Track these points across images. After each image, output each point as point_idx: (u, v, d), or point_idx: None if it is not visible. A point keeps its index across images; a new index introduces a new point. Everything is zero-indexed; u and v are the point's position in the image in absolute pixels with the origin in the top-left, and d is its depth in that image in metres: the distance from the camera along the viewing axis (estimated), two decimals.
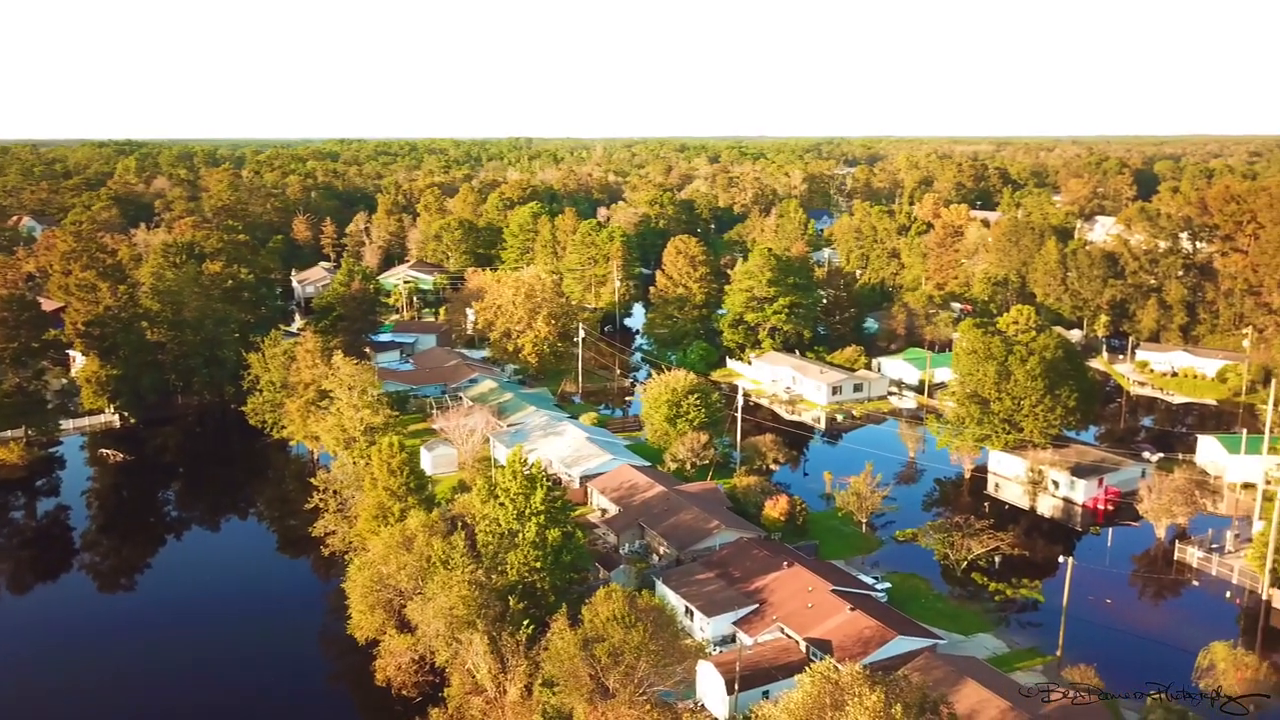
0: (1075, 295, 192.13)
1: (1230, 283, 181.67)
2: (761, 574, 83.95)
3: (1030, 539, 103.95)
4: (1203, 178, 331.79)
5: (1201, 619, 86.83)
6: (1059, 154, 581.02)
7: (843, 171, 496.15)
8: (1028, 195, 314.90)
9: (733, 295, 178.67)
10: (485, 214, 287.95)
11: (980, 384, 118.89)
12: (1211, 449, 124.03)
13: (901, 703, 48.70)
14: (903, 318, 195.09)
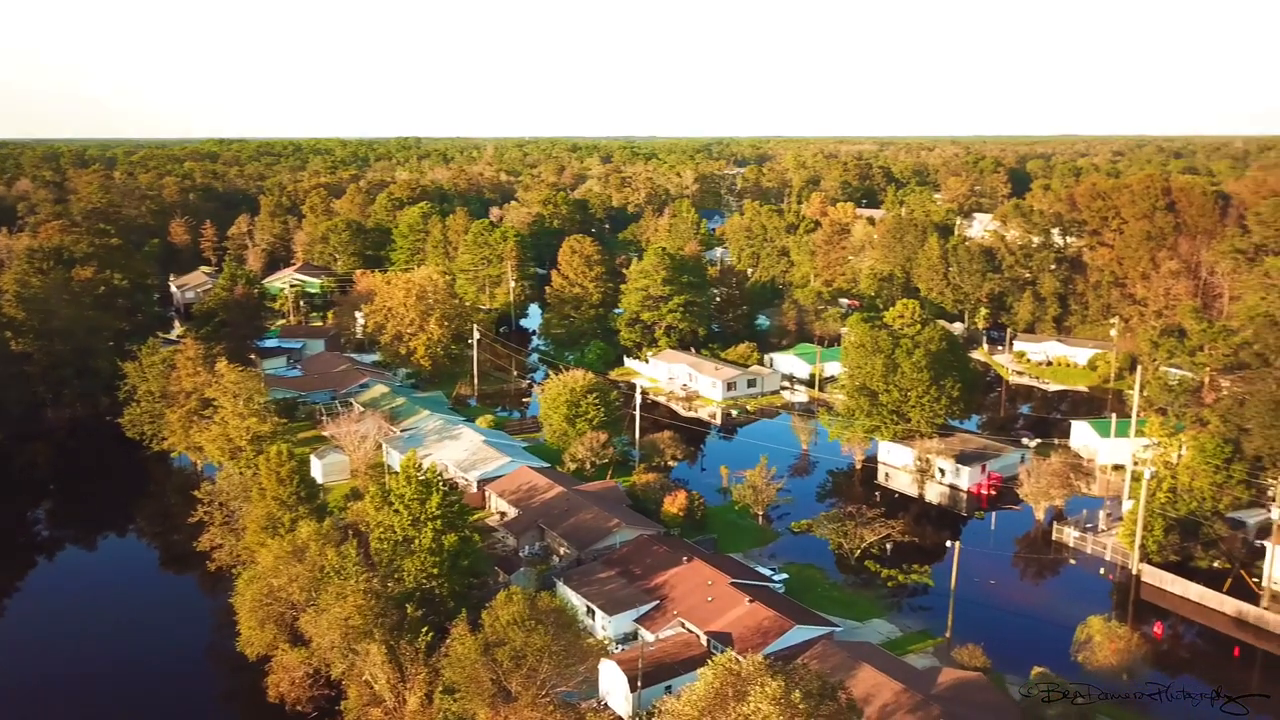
0: (956, 289, 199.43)
1: (1098, 275, 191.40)
2: (662, 570, 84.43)
3: (919, 525, 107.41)
4: (1071, 176, 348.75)
5: (1079, 595, 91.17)
6: (939, 154, 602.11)
7: (733, 171, 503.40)
8: (910, 193, 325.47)
9: (629, 294, 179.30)
10: (374, 215, 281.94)
11: (869, 377, 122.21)
12: (1084, 433, 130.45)
13: (801, 690, 49.64)
14: (793, 314, 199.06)
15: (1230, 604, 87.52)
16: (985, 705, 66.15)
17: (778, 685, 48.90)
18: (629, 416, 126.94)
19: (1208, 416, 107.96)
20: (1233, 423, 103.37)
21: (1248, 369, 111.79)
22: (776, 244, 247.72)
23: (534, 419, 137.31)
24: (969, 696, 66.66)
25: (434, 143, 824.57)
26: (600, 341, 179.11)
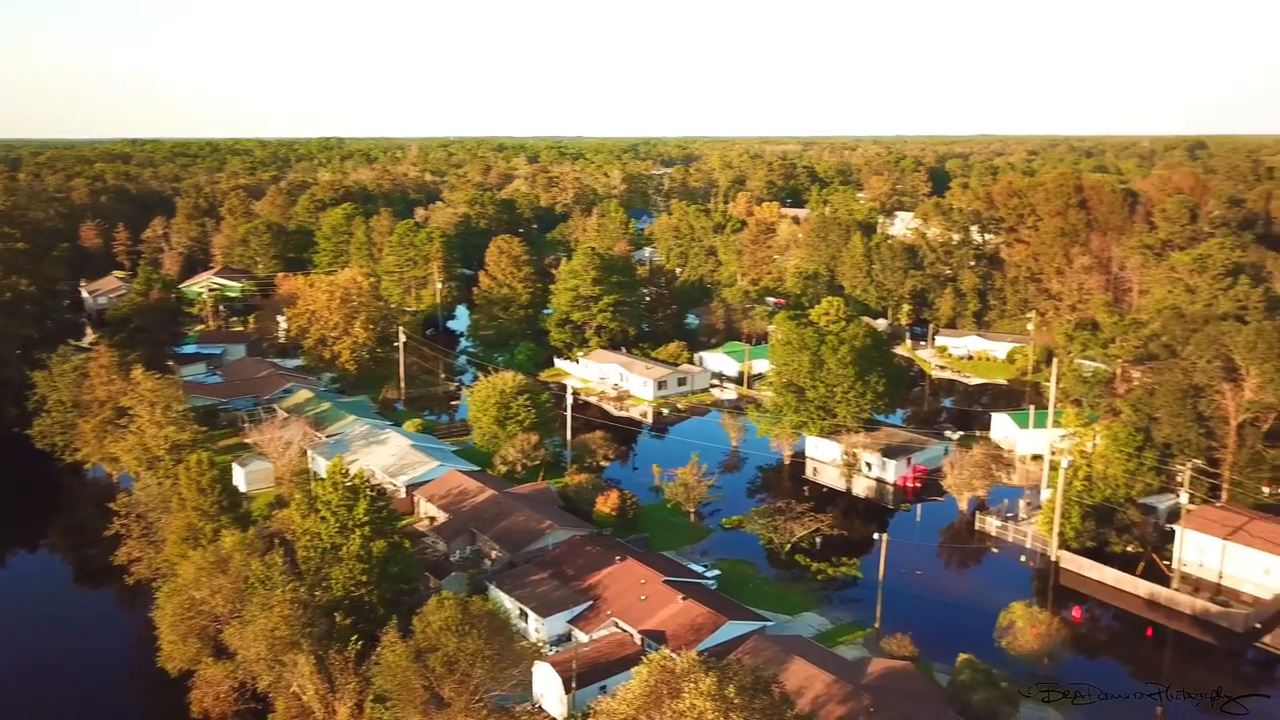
0: (880, 286, 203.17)
1: (1015, 271, 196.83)
2: (595, 570, 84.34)
3: (848, 519, 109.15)
4: (989, 175, 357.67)
5: (1001, 582, 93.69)
6: (861, 153, 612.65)
7: (660, 172, 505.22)
8: (834, 193, 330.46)
9: (558, 295, 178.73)
10: (295, 216, 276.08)
11: (796, 373, 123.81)
12: (1004, 425, 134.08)
13: (735, 684, 50.02)
14: (721, 313, 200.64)
15: (1143, 586, 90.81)
16: (913, 693, 67.53)
17: (712, 681, 49.21)
18: (560, 417, 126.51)
19: (1120, 406, 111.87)
20: (1143, 412, 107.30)
21: (1156, 360, 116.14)
22: (704, 243, 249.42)
23: (463, 422, 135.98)
24: (898, 685, 68.01)
25: (357, 143, 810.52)
26: (530, 342, 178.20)
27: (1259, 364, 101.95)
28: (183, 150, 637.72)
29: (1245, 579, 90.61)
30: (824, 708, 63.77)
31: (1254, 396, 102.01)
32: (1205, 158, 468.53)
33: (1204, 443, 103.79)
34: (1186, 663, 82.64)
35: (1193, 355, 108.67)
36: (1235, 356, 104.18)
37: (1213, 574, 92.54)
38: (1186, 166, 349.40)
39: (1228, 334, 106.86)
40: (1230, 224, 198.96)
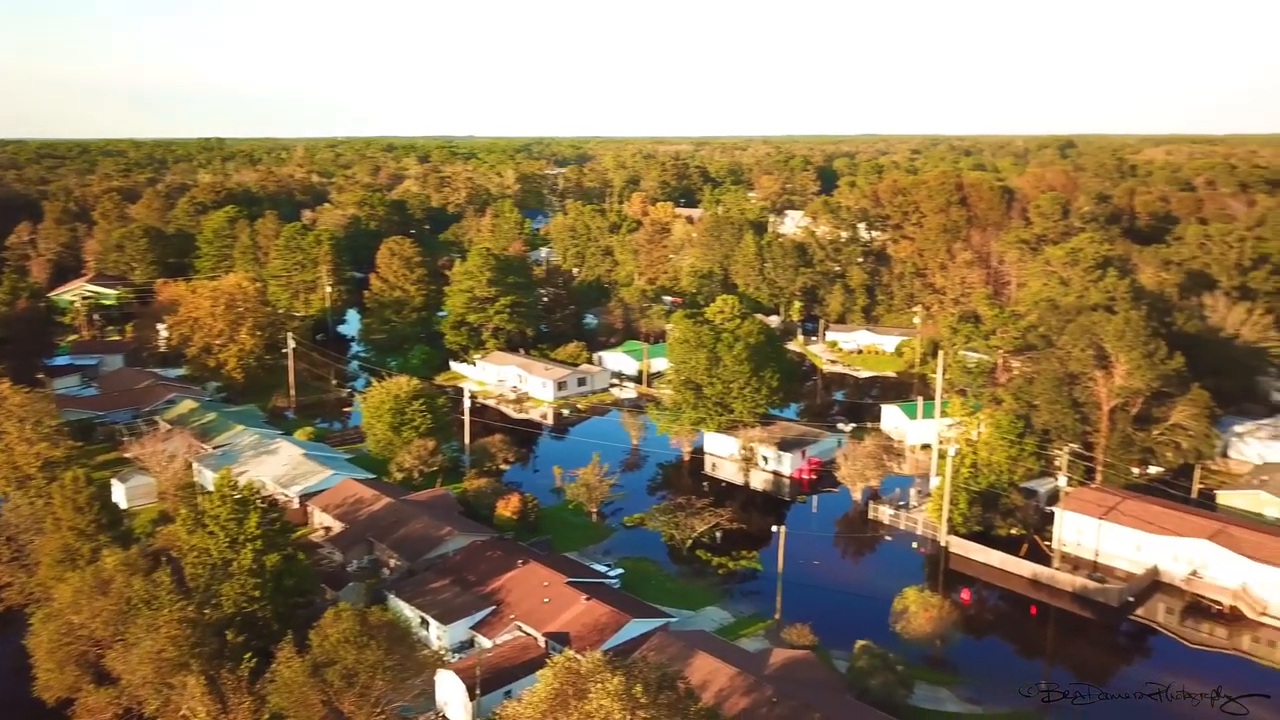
0: (772, 284, 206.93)
1: (901, 267, 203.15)
2: (497, 575, 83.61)
3: (746, 512, 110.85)
4: (874, 173, 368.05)
5: (895, 569, 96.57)
6: (752, 153, 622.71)
7: (554, 171, 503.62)
8: (726, 192, 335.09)
9: (453, 296, 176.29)
10: (174, 220, 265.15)
11: (694, 371, 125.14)
12: (894, 416, 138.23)
13: (641, 682, 50.24)
14: (619, 312, 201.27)
15: (1027, 567, 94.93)
16: (814, 681, 69.06)
17: (618, 680, 49.33)
18: (458, 421, 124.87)
19: (1002, 395, 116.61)
20: (1023, 400, 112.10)
21: (1034, 350, 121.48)
22: (600, 243, 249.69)
23: (357, 429, 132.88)
24: (799, 674, 69.45)
25: (239, 143, 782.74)
26: (425, 346, 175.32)
27: (1127, 351, 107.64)
28: (50, 151, 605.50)
29: (1119, 556, 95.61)
30: (728, 700, 64.64)
31: (1123, 382, 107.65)
32: (1075, 156, 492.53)
33: (1079, 428, 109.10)
34: (1067, 638, 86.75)
35: (1067, 345, 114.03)
36: (1106, 345, 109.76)
37: (1090, 552, 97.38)
38: (1058, 165, 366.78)
39: (1098, 324, 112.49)
40: (1099, 219, 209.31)
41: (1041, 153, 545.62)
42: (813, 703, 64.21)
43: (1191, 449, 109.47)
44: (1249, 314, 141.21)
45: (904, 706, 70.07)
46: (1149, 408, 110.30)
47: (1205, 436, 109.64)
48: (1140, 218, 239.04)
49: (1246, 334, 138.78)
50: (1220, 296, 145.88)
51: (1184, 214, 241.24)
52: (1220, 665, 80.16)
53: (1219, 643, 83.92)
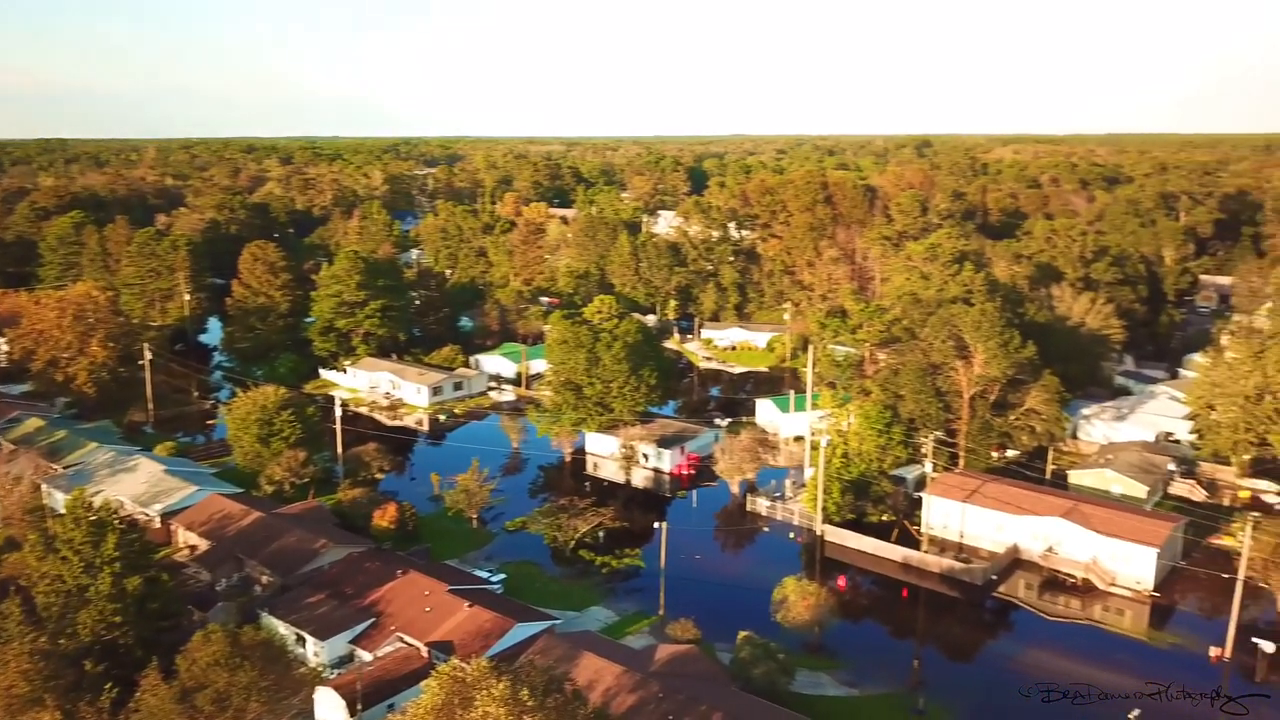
0: (647, 283, 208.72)
1: (771, 264, 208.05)
2: (376, 586, 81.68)
3: (629, 510, 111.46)
4: (743, 173, 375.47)
5: (774, 559, 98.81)
6: (623, 153, 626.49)
7: (423, 172, 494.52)
8: (599, 192, 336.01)
9: (320, 301, 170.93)
10: (13, 226, 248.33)
11: (572, 371, 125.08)
12: (768, 410, 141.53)
13: (528, 686, 49.92)
14: (496, 314, 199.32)
15: (898, 552, 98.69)
16: (699, 675, 70.02)
17: (504, 686, 48.88)
18: (329, 431, 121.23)
19: (869, 387, 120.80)
20: (890, 390, 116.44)
21: (899, 342, 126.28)
22: (474, 244, 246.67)
23: (222, 442, 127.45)
24: (684, 668, 70.28)
25: (83, 144, 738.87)
26: (292, 353, 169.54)
27: (984, 342, 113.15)
28: None
29: (982, 537, 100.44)
30: (615, 699, 64.89)
31: (981, 371, 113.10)
32: (931, 155, 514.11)
33: (942, 416, 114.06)
34: (937, 617, 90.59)
35: (929, 337, 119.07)
36: (965, 336, 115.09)
37: (955, 535, 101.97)
38: (916, 164, 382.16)
39: (957, 316, 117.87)
40: (955, 215, 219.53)
41: (900, 152, 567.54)
42: (698, 696, 65.12)
43: (1044, 432, 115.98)
44: (1092, 303, 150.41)
45: (786, 694, 71.83)
46: (1005, 394, 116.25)
47: (1056, 420, 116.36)
48: (992, 214, 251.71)
49: (1091, 322, 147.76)
50: (1066, 287, 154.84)
51: (1032, 210, 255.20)
52: (1075, 635, 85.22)
53: (1074, 614, 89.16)
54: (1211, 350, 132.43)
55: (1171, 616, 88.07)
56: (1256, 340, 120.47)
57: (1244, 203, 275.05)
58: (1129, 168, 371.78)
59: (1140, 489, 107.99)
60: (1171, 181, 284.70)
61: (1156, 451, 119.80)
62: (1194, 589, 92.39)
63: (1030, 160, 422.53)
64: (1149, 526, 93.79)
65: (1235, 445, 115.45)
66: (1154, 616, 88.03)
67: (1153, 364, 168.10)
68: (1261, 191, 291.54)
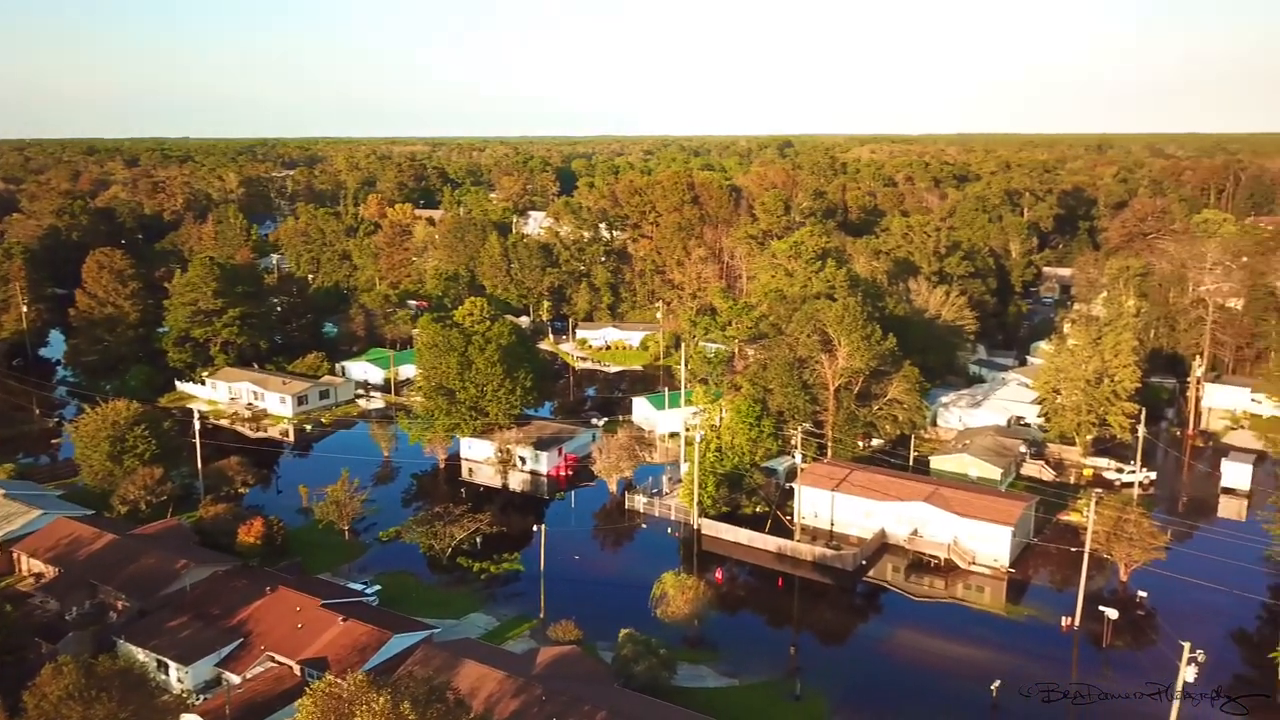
0: (520, 284, 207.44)
1: (642, 264, 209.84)
2: (243, 605, 78.54)
3: (506, 515, 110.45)
4: (611, 174, 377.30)
5: (653, 555, 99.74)
6: (490, 154, 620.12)
7: (281, 174, 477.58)
8: (467, 193, 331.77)
9: (174, 310, 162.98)
10: None
11: (445, 376, 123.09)
12: (643, 408, 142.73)
13: (409, 698, 48.92)
14: (362, 319, 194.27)
15: (772, 542, 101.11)
16: (582, 675, 70.11)
17: (384, 700, 47.75)
18: (188, 445, 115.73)
19: (740, 382, 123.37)
20: (759, 385, 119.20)
21: (766, 338, 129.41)
22: (337, 248, 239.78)
23: (69, 461, 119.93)
24: (566, 669, 70.25)
25: None
26: (145, 365, 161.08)
27: (847, 335, 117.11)
28: None
29: (851, 523, 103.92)
30: (498, 705, 64.33)
31: (845, 364, 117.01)
32: (793, 155, 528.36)
33: (810, 408, 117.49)
34: (811, 604, 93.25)
35: (795, 332, 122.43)
36: (829, 330, 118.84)
37: (826, 523, 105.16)
38: (778, 164, 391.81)
39: (821, 311, 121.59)
40: (816, 213, 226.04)
41: (763, 152, 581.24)
42: (581, 696, 65.17)
43: (906, 420, 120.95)
44: (947, 296, 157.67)
45: (668, 688, 72.65)
46: (869, 385, 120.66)
47: (917, 408, 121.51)
48: (852, 211, 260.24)
49: (946, 314, 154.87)
50: (922, 281, 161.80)
51: (889, 207, 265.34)
52: (940, 614, 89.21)
53: (938, 593, 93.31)
54: (1055, 338, 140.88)
55: (1026, 590, 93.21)
56: (1094, 328, 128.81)
57: (1080, 198, 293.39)
58: (976, 166, 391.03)
59: (995, 471, 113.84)
60: (1015, 179, 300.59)
61: (1009, 435, 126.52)
62: (1046, 563, 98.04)
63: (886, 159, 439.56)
64: (1003, 507, 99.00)
65: (1079, 426, 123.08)
66: (1010, 591, 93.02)
67: (1003, 352, 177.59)
68: (1095, 188, 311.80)
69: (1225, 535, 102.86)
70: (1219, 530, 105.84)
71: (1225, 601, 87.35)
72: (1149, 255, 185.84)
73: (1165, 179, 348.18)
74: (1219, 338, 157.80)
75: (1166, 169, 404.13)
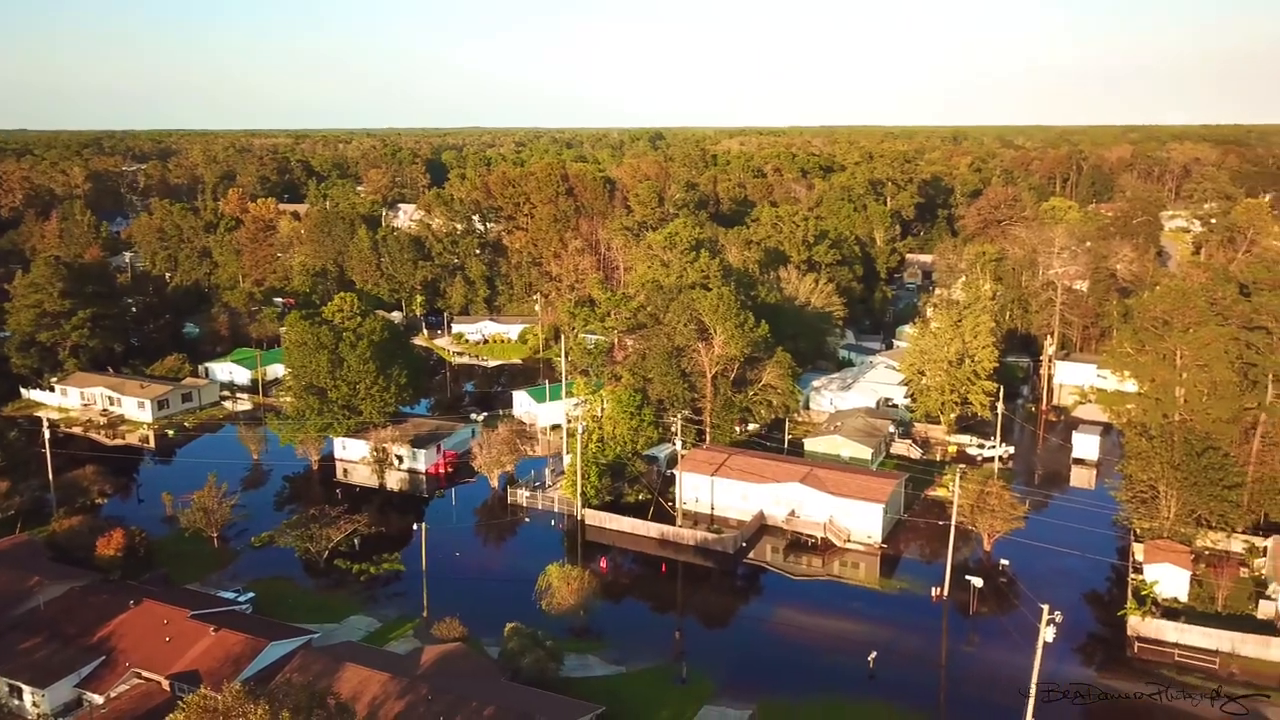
0: (391, 279, 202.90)
1: (518, 256, 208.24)
2: (104, 621, 74.57)
3: (385, 515, 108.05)
4: (483, 165, 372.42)
5: (537, 548, 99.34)
6: (356, 146, 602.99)
7: (133, 168, 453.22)
8: (333, 186, 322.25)
9: (17, 314, 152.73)
10: None
11: (315, 375, 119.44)
12: (524, 401, 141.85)
13: (288, 707, 47.43)
14: (225, 318, 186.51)
15: (655, 528, 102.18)
16: (468, 672, 69.39)
17: (263, 709, 46.17)
18: (37, 456, 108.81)
19: (620, 372, 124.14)
20: (639, 375, 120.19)
21: (645, 328, 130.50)
22: (195, 244, 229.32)
23: None
24: (452, 667, 69.38)
25: None
26: None
27: (722, 323, 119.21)
28: None
29: (731, 507, 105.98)
30: (383, 707, 63.06)
31: (721, 351, 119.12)
32: (664, 147, 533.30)
33: (689, 395, 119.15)
34: (694, 588, 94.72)
35: (672, 321, 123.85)
36: (704, 319, 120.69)
37: (707, 507, 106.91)
38: (651, 155, 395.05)
39: (697, 300, 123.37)
40: (689, 205, 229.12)
41: (635, 144, 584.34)
42: (467, 693, 64.50)
43: (780, 405, 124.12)
44: (815, 284, 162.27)
45: (555, 679, 72.60)
46: (744, 372, 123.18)
47: (790, 393, 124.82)
48: (723, 202, 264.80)
49: (815, 301, 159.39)
50: (792, 269, 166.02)
51: (759, 198, 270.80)
52: (818, 591, 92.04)
53: (816, 572, 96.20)
54: (919, 322, 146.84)
55: (898, 564, 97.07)
56: (955, 311, 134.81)
57: (938, 188, 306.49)
58: (841, 157, 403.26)
59: (866, 451, 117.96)
60: (878, 169, 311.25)
61: (878, 416, 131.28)
62: (915, 538, 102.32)
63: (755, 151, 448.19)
64: (875, 485, 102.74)
65: (942, 405, 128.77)
66: (883, 566, 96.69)
67: (870, 337, 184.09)
68: (952, 178, 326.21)
69: (1077, 503, 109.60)
70: (1071, 499, 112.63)
71: (1079, 565, 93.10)
72: (1003, 241, 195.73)
73: (1015, 169, 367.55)
74: (1067, 318, 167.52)
75: (1016, 159, 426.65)
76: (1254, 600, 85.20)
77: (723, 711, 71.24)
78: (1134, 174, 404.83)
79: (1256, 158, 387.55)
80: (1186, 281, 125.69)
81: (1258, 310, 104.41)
